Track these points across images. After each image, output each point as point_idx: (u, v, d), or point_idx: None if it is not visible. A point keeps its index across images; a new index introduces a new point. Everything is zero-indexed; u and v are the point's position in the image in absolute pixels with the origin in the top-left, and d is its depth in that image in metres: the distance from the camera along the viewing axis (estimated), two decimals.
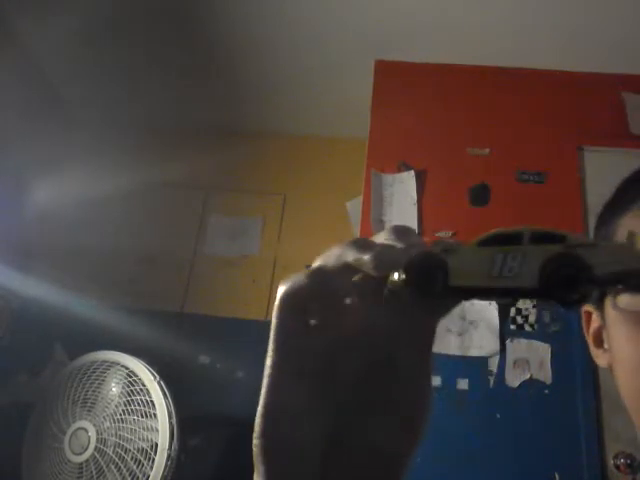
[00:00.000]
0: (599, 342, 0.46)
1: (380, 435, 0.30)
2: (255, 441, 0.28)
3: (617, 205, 0.45)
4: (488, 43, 2.26)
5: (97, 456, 1.65)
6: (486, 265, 0.29)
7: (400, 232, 0.30)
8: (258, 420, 0.28)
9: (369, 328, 0.30)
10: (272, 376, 0.29)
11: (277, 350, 0.29)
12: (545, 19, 2.10)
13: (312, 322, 0.30)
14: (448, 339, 1.85)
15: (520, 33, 2.18)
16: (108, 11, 2.27)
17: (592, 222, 1.95)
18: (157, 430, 1.63)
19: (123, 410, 1.70)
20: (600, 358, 0.46)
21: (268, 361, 0.29)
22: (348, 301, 0.30)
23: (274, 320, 0.30)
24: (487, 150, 2.19)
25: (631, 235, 0.28)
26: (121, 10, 2.26)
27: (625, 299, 0.35)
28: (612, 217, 0.45)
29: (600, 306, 0.42)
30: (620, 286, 0.27)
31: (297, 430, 0.28)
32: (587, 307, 0.47)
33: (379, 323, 0.30)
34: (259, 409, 0.29)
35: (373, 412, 0.30)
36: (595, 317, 0.46)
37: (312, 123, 2.88)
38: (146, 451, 1.63)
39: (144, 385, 1.71)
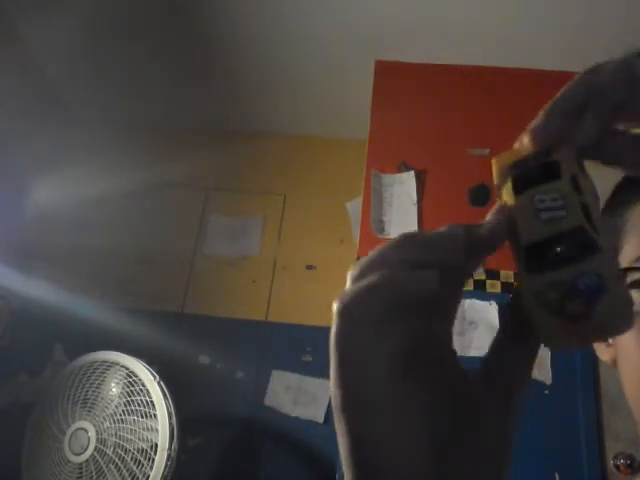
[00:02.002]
0: None
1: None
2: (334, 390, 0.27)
3: (630, 190, 0.43)
4: (488, 43, 2.26)
5: (97, 456, 1.65)
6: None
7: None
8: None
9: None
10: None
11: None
12: (546, 19, 2.10)
13: None
14: None
15: (520, 33, 2.18)
16: (108, 11, 2.27)
17: None
18: (157, 430, 1.63)
19: (123, 410, 1.70)
20: (603, 352, 0.46)
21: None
22: None
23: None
24: (487, 150, 2.19)
25: None
26: (121, 10, 2.26)
27: (633, 296, 0.35)
28: (624, 203, 0.43)
29: None
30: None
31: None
32: None
33: None
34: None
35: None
36: None
37: (312, 123, 2.88)
38: (146, 451, 1.63)
39: (144, 385, 1.70)
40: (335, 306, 0.27)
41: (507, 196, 0.30)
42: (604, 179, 0.42)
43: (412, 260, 0.28)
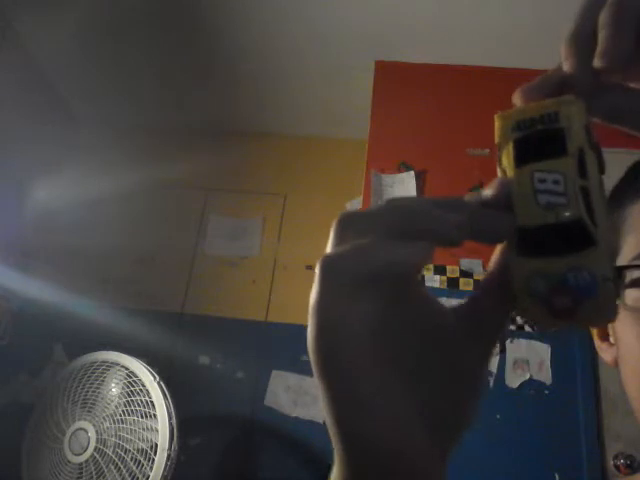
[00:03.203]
0: (604, 335, 0.45)
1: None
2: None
3: (629, 190, 0.42)
4: (488, 43, 2.26)
5: (97, 456, 1.65)
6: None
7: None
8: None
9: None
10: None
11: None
12: (545, 19, 2.10)
13: None
14: None
15: (520, 33, 2.18)
16: (108, 11, 2.27)
17: None
18: (157, 430, 1.63)
19: (123, 411, 1.70)
20: (605, 352, 0.45)
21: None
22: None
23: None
24: (487, 150, 2.19)
25: None
26: (121, 10, 2.26)
27: (632, 295, 0.34)
28: (623, 202, 0.41)
29: None
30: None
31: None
32: None
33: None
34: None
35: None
36: None
37: (312, 123, 2.88)
38: (146, 451, 1.63)
39: (144, 386, 1.70)
40: (318, 266, 0.25)
41: (506, 161, 0.29)
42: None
43: (402, 230, 0.26)
